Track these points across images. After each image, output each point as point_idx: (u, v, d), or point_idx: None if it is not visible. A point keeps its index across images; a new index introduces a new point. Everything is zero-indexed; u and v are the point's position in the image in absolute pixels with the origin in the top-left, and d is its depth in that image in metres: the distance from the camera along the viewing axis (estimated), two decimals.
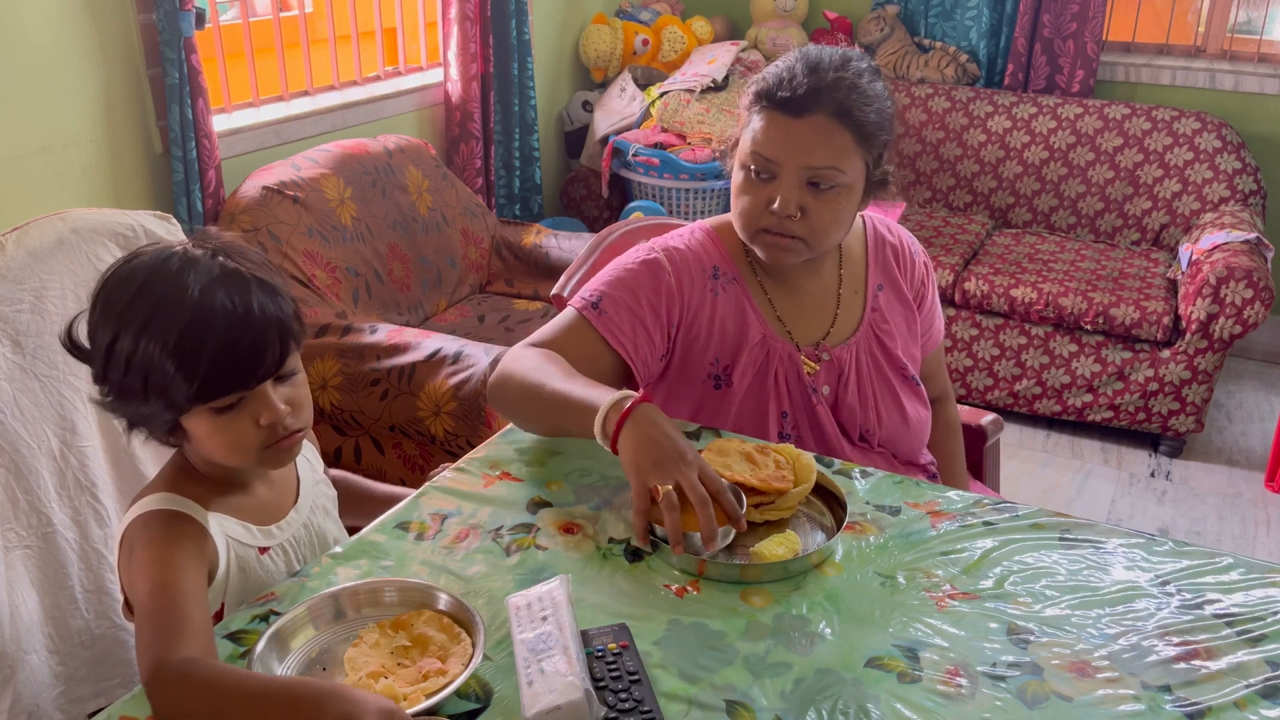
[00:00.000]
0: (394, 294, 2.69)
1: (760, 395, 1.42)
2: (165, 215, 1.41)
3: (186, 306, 0.99)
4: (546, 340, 1.36)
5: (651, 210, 3.45)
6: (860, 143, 1.33)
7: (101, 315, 1.02)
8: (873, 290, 1.50)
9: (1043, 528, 1.18)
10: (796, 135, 1.31)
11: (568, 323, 1.38)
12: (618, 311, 1.37)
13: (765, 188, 1.34)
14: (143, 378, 1.00)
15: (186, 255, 1.03)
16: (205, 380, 1.00)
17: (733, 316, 1.43)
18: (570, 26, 3.90)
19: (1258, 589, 1.08)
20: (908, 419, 1.49)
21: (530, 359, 1.31)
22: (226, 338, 0.99)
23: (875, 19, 3.80)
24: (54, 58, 2.18)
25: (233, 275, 1.02)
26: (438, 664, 0.94)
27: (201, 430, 1.04)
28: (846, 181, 1.33)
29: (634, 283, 1.39)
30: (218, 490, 1.10)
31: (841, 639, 1.00)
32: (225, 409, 1.03)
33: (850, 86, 1.30)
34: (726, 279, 1.44)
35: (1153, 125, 3.45)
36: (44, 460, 1.26)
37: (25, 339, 1.25)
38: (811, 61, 1.32)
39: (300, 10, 3.01)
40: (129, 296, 1.00)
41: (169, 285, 1.00)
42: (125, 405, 1.04)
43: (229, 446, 1.05)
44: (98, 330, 1.02)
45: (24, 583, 1.24)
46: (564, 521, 1.18)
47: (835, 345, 1.46)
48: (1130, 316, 2.96)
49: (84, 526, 1.31)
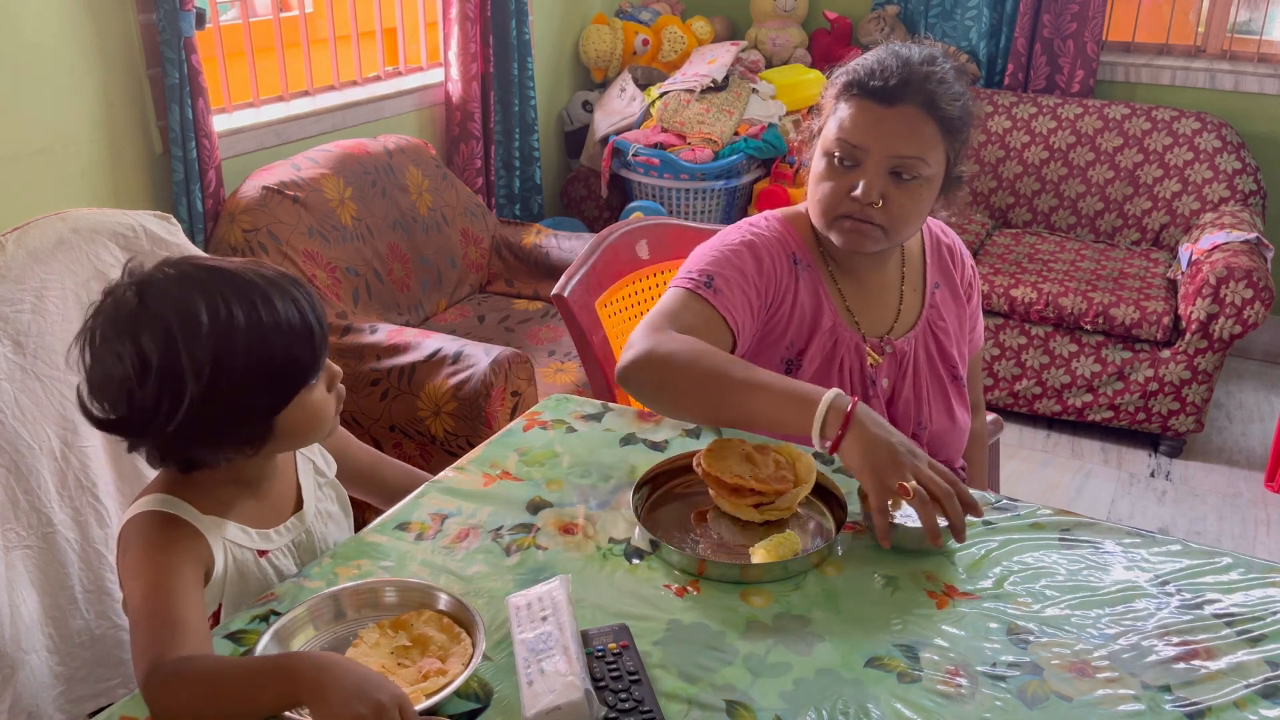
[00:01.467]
0: (394, 294, 2.69)
1: (825, 382, 1.42)
2: (165, 215, 1.41)
3: (260, 299, 1.00)
4: (676, 323, 1.33)
5: (651, 210, 3.45)
6: (944, 136, 1.35)
7: (179, 358, 0.96)
8: (930, 288, 1.53)
9: (1043, 527, 1.18)
10: (886, 124, 1.32)
11: (686, 302, 1.36)
12: (730, 289, 1.38)
13: (848, 175, 1.36)
14: (263, 385, 1.00)
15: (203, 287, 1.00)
16: (314, 350, 1.04)
17: (810, 301, 1.45)
18: (570, 26, 3.90)
19: (1258, 589, 1.08)
20: (955, 419, 1.52)
21: (684, 342, 1.28)
22: (302, 311, 1.03)
23: (875, 19, 3.80)
24: (54, 58, 2.18)
25: (259, 274, 1.03)
26: (438, 664, 0.94)
27: (295, 419, 1.05)
28: (929, 174, 1.35)
29: (740, 262, 1.41)
30: (216, 493, 1.09)
31: (841, 639, 1.00)
32: (314, 384, 1.06)
33: (939, 80, 1.33)
34: (804, 265, 1.46)
35: (1153, 125, 3.45)
36: (45, 460, 1.26)
37: (26, 339, 1.25)
38: (902, 55, 1.34)
39: (300, 10, 3.01)
40: (209, 330, 0.97)
41: (229, 295, 0.99)
42: (213, 437, 1.02)
43: (318, 422, 1.08)
44: (176, 377, 0.96)
45: (24, 583, 1.24)
46: (564, 521, 1.18)
47: (898, 339, 1.48)
48: (1130, 316, 2.96)
49: (84, 526, 1.31)
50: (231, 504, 1.10)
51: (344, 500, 1.27)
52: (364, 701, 0.82)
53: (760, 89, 3.67)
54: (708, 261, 1.40)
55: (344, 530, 1.26)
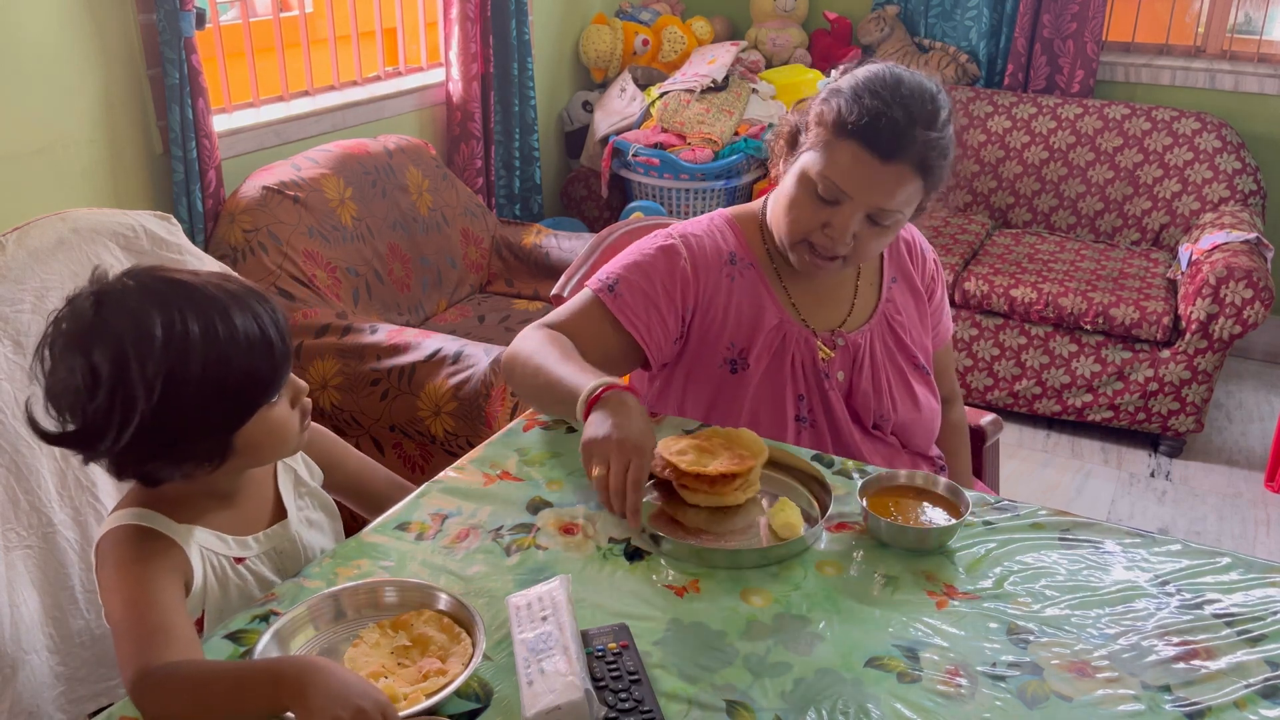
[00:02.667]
0: (394, 294, 2.69)
1: (777, 379, 1.45)
2: (165, 215, 1.41)
3: (218, 314, 0.98)
4: (560, 322, 1.41)
5: (651, 210, 3.45)
6: (927, 189, 1.36)
7: (131, 372, 0.94)
8: (887, 281, 1.53)
9: (1043, 527, 1.18)
10: (878, 177, 1.31)
11: (583, 304, 1.43)
12: (633, 295, 1.40)
13: (824, 210, 1.35)
14: (216, 401, 0.98)
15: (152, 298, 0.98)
16: (274, 367, 1.02)
17: (749, 302, 1.46)
18: (570, 26, 3.90)
19: (1257, 589, 1.08)
20: (919, 405, 1.52)
21: (535, 340, 1.37)
22: (262, 325, 1.01)
23: (875, 19, 3.80)
24: (54, 58, 2.18)
25: (222, 288, 1.01)
26: (438, 664, 0.94)
27: (256, 436, 1.04)
28: (901, 219, 1.38)
29: (650, 267, 1.43)
30: (191, 503, 1.08)
31: (841, 639, 1.00)
32: (276, 401, 1.04)
33: (936, 144, 1.32)
34: (744, 265, 1.47)
35: (1153, 125, 3.45)
36: (44, 460, 1.26)
37: (26, 339, 1.25)
38: (907, 105, 1.30)
39: (300, 10, 3.01)
40: (163, 346, 0.95)
41: (189, 309, 0.97)
42: (169, 453, 1.00)
43: (280, 438, 1.07)
44: (127, 390, 0.94)
45: (24, 583, 1.24)
46: (564, 521, 1.18)
47: (850, 332, 1.48)
48: (1130, 316, 2.96)
49: (84, 526, 1.31)
50: (205, 513, 1.10)
51: (330, 507, 1.27)
52: (345, 706, 0.82)
53: (760, 89, 3.67)
54: (621, 265, 1.44)
55: (330, 537, 1.25)
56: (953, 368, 1.70)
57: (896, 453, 1.53)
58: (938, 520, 1.17)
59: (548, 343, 1.35)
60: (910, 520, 1.17)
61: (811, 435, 1.46)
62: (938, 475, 1.24)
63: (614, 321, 1.40)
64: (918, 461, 1.56)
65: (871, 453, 1.48)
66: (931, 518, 1.17)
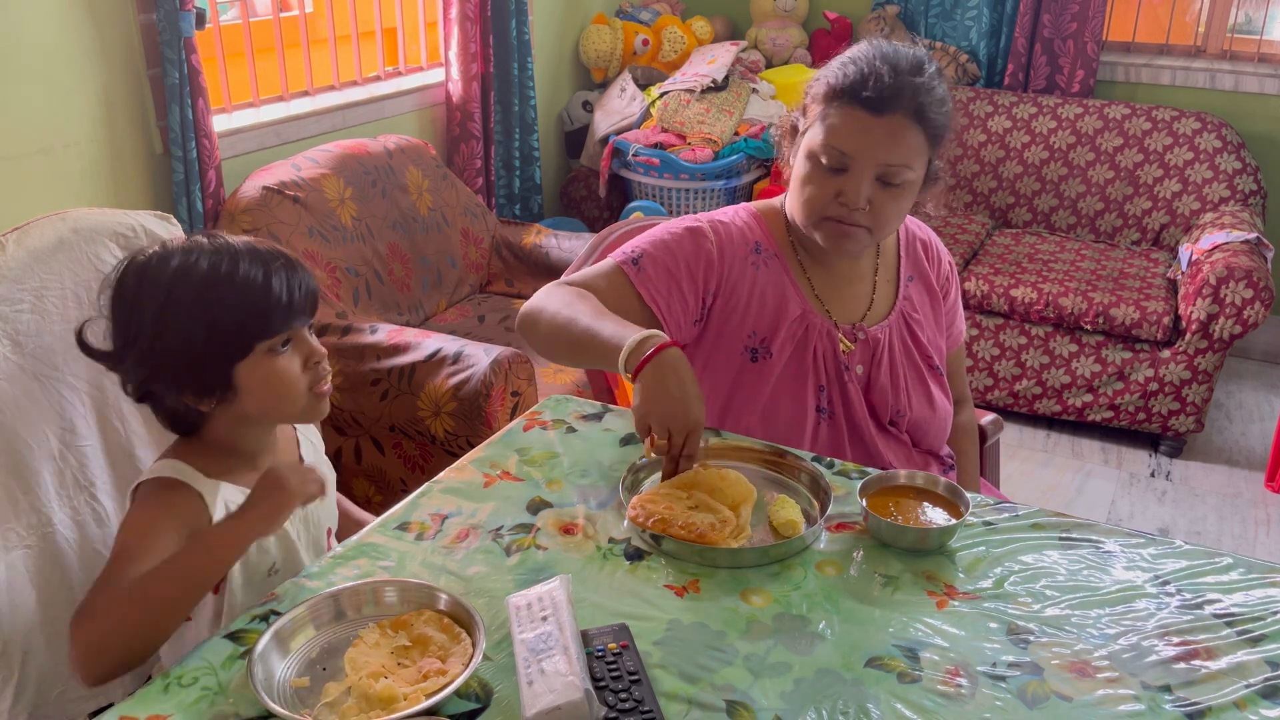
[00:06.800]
0: (394, 294, 2.69)
1: (799, 369, 1.46)
2: (165, 215, 1.41)
3: (228, 257, 1.10)
4: (583, 282, 1.41)
5: (651, 210, 3.45)
6: (929, 142, 1.37)
7: (144, 290, 1.09)
8: (904, 280, 1.54)
9: (1043, 528, 1.18)
10: (875, 132, 1.33)
11: (605, 271, 1.43)
12: (656, 270, 1.42)
13: (834, 179, 1.37)
14: (206, 328, 1.08)
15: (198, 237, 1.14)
16: (267, 311, 1.10)
17: (773, 291, 1.47)
18: (570, 26, 3.90)
19: (1258, 589, 1.08)
20: (934, 404, 1.53)
21: (562, 295, 1.37)
22: (269, 276, 1.10)
23: (875, 19, 3.80)
24: (54, 58, 2.18)
25: (248, 244, 1.13)
26: (438, 664, 0.94)
27: (256, 379, 1.11)
28: (913, 178, 1.38)
29: (675, 245, 1.44)
30: (224, 460, 1.16)
31: (841, 639, 1.00)
32: (279, 347, 1.12)
33: (927, 89, 1.34)
34: (768, 254, 1.48)
35: (1153, 125, 3.45)
36: (44, 460, 1.26)
37: (25, 339, 1.25)
38: (892, 61, 1.34)
39: (300, 10, 3.01)
40: (171, 271, 1.09)
41: (207, 251, 1.10)
42: (170, 374, 1.10)
43: (283, 390, 1.13)
44: (138, 307, 1.09)
45: (24, 582, 1.24)
46: (564, 521, 1.18)
47: (870, 326, 1.49)
48: (1130, 316, 2.96)
49: (84, 526, 1.31)
50: (231, 470, 1.17)
51: (332, 480, 1.33)
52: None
53: (760, 89, 3.67)
54: (646, 241, 1.45)
55: (334, 509, 1.34)
56: (964, 370, 1.71)
57: (909, 450, 1.53)
58: (938, 520, 1.17)
59: (578, 298, 1.35)
60: (910, 520, 1.17)
61: (830, 427, 1.47)
62: (939, 475, 1.24)
63: (635, 294, 1.40)
64: (929, 460, 1.56)
65: (886, 449, 1.49)
66: (931, 518, 1.18)
